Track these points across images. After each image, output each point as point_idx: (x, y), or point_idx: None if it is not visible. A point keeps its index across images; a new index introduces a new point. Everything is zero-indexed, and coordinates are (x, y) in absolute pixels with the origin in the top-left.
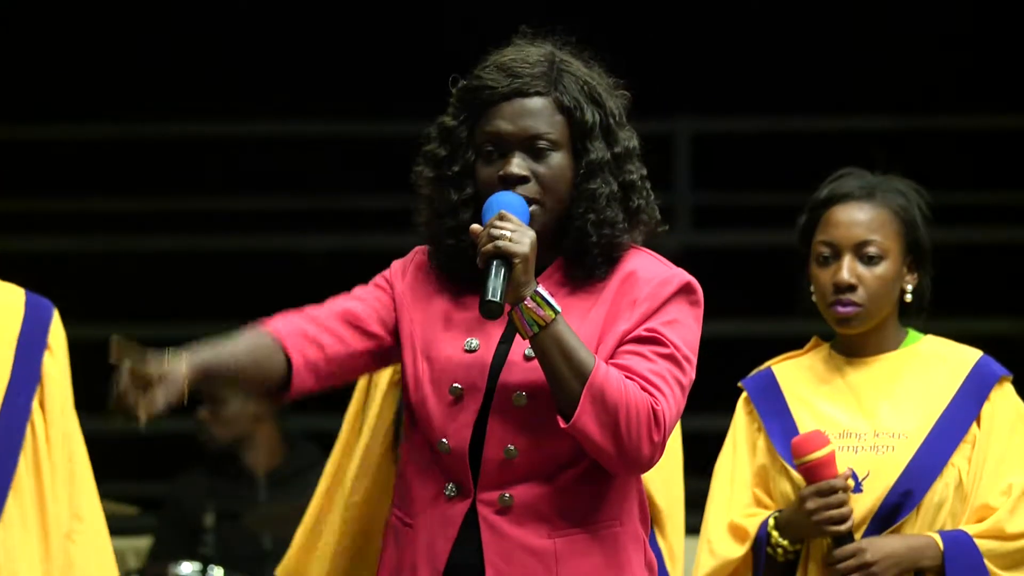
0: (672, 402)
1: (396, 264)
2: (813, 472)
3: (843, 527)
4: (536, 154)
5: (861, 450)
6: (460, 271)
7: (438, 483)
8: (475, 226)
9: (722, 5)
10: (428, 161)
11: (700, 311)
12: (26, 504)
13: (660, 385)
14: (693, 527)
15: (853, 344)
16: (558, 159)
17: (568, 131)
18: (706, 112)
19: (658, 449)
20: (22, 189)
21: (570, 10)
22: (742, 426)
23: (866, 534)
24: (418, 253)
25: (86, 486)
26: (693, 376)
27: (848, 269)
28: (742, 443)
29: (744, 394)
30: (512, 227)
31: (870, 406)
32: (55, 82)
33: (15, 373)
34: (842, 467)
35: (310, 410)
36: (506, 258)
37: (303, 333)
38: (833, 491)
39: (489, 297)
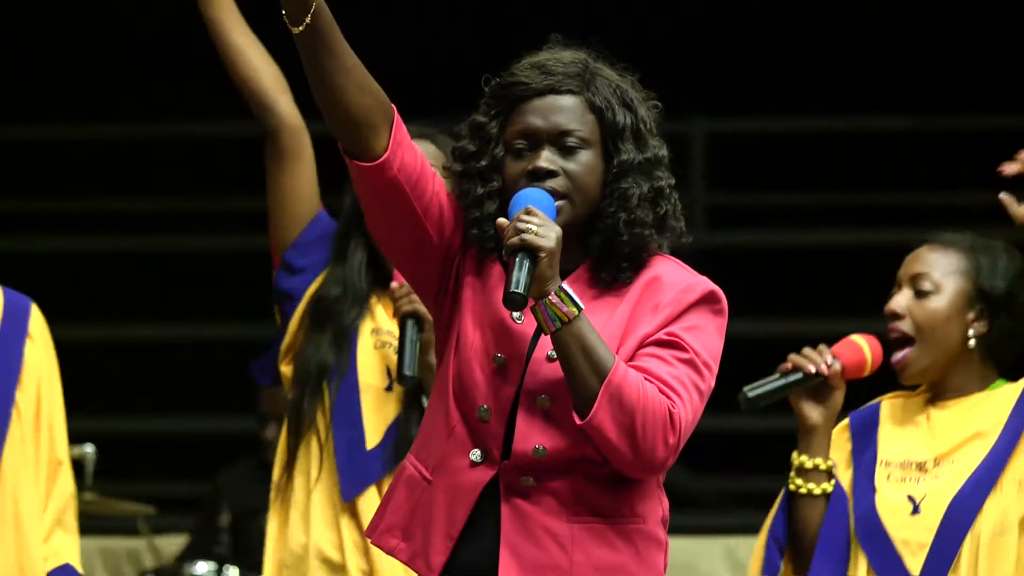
0: (689, 407)
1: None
2: (839, 344)
3: (784, 364)
4: (565, 151)
5: (922, 479)
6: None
7: (464, 446)
8: (501, 220)
9: (736, 6)
10: (457, 157)
11: (723, 320)
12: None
13: (678, 389)
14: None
15: (939, 387)
16: (587, 157)
17: (599, 131)
18: (721, 113)
19: (672, 452)
20: (22, 189)
21: (585, 12)
22: (839, 441)
23: (932, 552)
24: None
25: (65, 481)
26: (712, 383)
27: (896, 299)
28: (839, 453)
29: (846, 421)
30: (539, 222)
31: (937, 439)
32: (55, 82)
33: None
34: (901, 494)
35: None
36: (531, 251)
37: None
38: (816, 349)
39: (513, 288)
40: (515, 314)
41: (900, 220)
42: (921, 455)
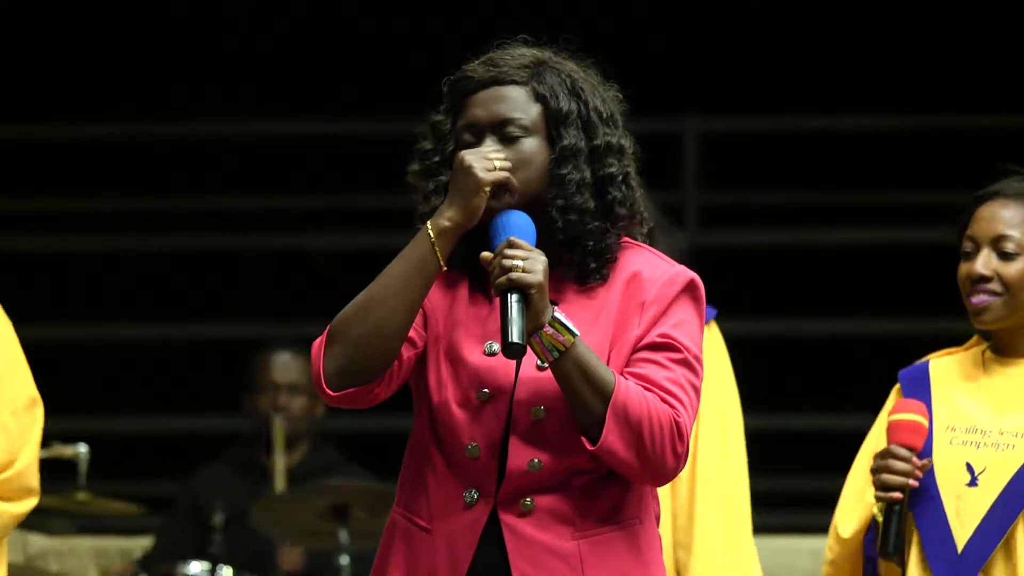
0: (691, 409)
1: None
2: (890, 432)
3: (888, 494)
4: (508, 139)
5: (983, 446)
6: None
7: (456, 488)
8: (485, 254)
9: (730, 5)
10: (416, 155)
11: (703, 307)
12: None
13: (678, 394)
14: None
15: (1002, 344)
16: (530, 144)
17: (543, 119)
18: (714, 111)
19: (681, 459)
20: (22, 189)
21: (579, 11)
22: (887, 415)
23: (979, 529)
24: None
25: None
26: (703, 373)
27: (983, 262)
28: (884, 432)
29: (897, 384)
30: (523, 255)
31: (1003, 405)
32: (55, 82)
33: None
34: (960, 460)
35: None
36: (521, 290)
37: None
38: (891, 455)
39: (512, 340)
40: (490, 346)
41: (894, 220)
42: (986, 421)
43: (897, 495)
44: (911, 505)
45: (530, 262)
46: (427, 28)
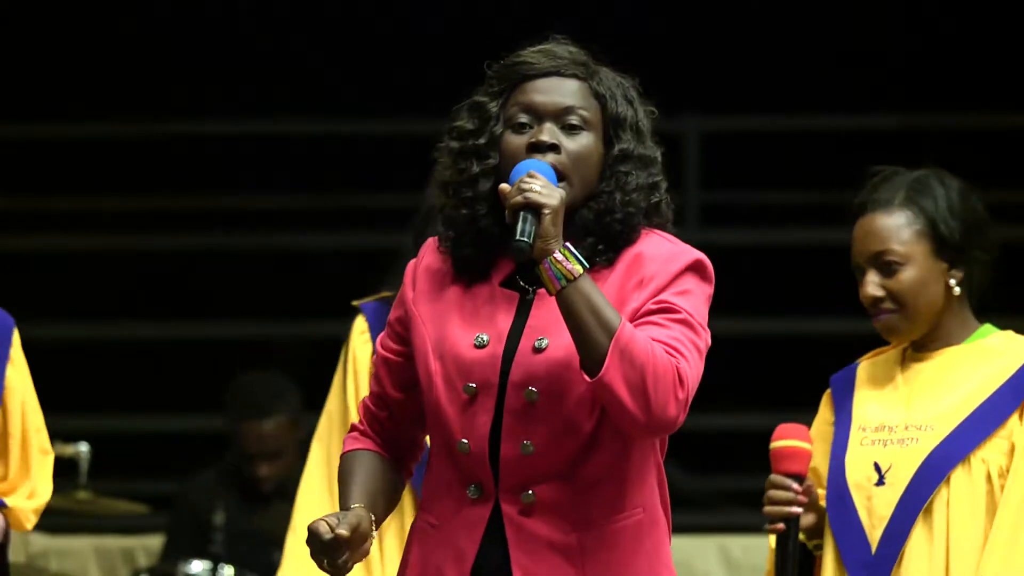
0: (693, 363)
1: (408, 270)
2: (772, 460)
3: (774, 525)
4: (568, 128)
5: (889, 443)
6: (469, 250)
7: (460, 484)
8: (504, 185)
9: (730, 5)
10: (454, 135)
11: (710, 288)
12: None
13: (680, 348)
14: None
15: (920, 340)
16: (588, 139)
17: (601, 116)
18: (715, 110)
19: (683, 409)
20: (22, 189)
21: (580, 8)
22: (818, 420)
23: (889, 528)
24: (427, 253)
25: (46, 472)
26: (709, 341)
27: (870, 284)
28: (816, 438)
29: (828, 389)
30: (542, 183)
31: (912, 399)
32: (55, 82)
33: None
34: (869, 460)
35: None
36: (535, 209)
37: (395, 441)
38: (774, 485)
39: (518, 237)
40: (479, 337)
41: None
42: (894, 418)
43: (781, 526)
44: (827, 508)
45: (547, 189)
46: (427, 28)
